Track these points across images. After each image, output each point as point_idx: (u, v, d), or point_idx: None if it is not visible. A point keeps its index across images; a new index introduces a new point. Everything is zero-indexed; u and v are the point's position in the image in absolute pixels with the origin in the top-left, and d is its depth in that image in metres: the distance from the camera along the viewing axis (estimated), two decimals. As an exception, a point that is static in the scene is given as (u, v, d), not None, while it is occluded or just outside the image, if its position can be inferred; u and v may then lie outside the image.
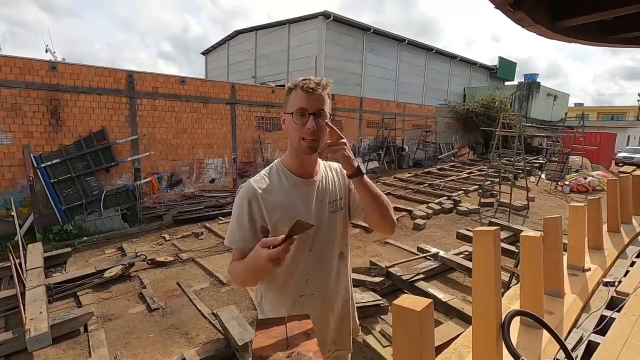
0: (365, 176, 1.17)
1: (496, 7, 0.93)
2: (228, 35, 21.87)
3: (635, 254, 2.27)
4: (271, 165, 1.25)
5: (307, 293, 1.20)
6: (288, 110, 1.14)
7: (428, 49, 21.27)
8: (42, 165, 6.32)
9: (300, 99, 1.10)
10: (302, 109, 1.10)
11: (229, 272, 1.19)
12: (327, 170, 1.31)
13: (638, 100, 36.07)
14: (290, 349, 0.58)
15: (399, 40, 19.43)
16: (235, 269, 1.15)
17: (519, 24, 1.04)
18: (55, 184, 6.43)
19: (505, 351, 1.09)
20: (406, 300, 0.81)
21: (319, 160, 1.29)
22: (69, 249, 5.32)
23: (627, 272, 2.01)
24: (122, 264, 4.62)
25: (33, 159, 6.25)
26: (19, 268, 4.34)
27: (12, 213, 5.85)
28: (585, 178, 10.84)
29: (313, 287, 1.21)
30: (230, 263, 1.19)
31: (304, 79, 1.12)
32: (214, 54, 24.01)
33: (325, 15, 15.87)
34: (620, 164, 18.13)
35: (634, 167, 15.39)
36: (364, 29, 17.61)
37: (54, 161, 6.45)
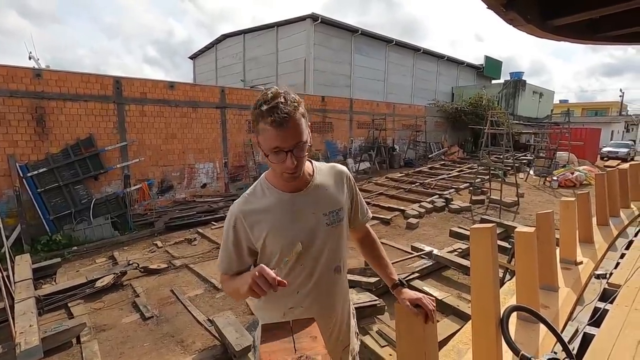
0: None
1: (489, 8, 0.95)
2: (216, 39, 21.77)
3: (625, 246, 2.32)
4: (256, 183, 1.19)
5: (297, 305, 1.17)
6: (262, 147, 1.02)
7: (415, 49, 21.48)
8: (29, 174, 6.19)
9: (273, 138, 0.97)
10: (277, 148, 0.98)
11: (222, 287, 1.28)
12: (326, 176, 1.21)
13: (620, 96, 36.97)
14: (298, 352, 0.58)
15: (387, 41, 19.58)
16: (226, 286, 1.20)
17: (510, 24, 1.06)
18: (42, 193, 6.30)
19: (504, 346, 1.11)
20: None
21: (316, 165, 1.22)
22: (59, 260, 5.21)
23: (618, 264, 2.05)
24: (114, 273, 4.54)
25: (19, 168, 6.11)
26: (6, 280, 4.22)
27: (-2, 224, 5.71)
28: (572, 173, 11.05)
29: (302, 300, 1.17)
30: (221, 281, 1.24)
31: (269, 108, 0.94)
32: (201, 58, 23.87)
33: (313, 17, 15.92)
34: (605, 159, 18.57)
35: (619, 161, 15.79)
36: (352, 30, 17.70)
37: (40, 170, 6.32)
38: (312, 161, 1.22)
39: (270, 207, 1.11)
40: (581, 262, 2.00)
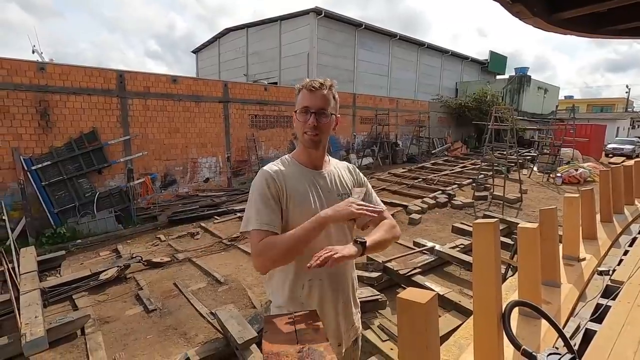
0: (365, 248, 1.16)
1: (495, 0, 0.94)
2: (219, 33, 21.70)
3: (628, 243, 2.31)
4: (281, 157, 1.33)
5: (316, 278, 1.22)
6: (295, 109, 1.25)
7: (419, 44, 21.31)
8: (33, 167, 6.22)
9: (304, 98, 1.22)
10: (305, 107, 1.21)
11: (260, 249, 1.10)
12: (338, 167, 1.39)
13: (626, 92, 36.61)
14: (300, 344, 0.58)
15: (391, 35, 19.43)
16: (273, 241, 1.09)
17: (517, 17, 1.05)
18: (46, 186, 6.34)
19: (505, 341, 1.11)
20: (411, 293, 0.81)
21: (329, 157, 1.40)
22: (63, 252, 5.26)
23: (621, 261, 2.05)
24: (118, 266, 4.58)
25: (23, 161, 6.15)
26: (12, 272, 4.28)
27: (3, 217, 5.76)
28: (576, 170, 10.99)
29: (321, 273, 1.21)
30: (257, 244, 1.11)
31: (310, 80, 1.22)
32: (204, 52, 23.81)
33: (317, 11, 15.80)
34: (610, 155, 18.41)
35: (624, 158, 15.66)
36: (355, 24, 17.57)
37: (44, 163, 6.36)
38: (328, 154, 1.40)
39: (296, 176, 1.25)
40: (584, 259, 2.00)
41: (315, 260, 1.00)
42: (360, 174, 1.47)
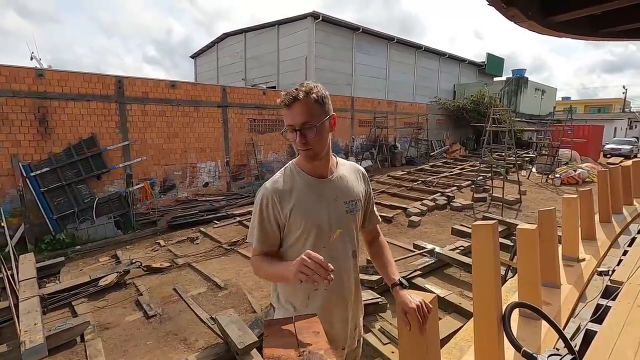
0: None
1: (490, 4, 0.95)
2: (217, 38, 21.76)
3: (627, 243, 2.32)
4: (285, 166, 1.29)
5: (321, 288, 1.20)
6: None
7: (417, 47, 21.40)
8: (32, 174, 6.21)
9: (285, 116, 1.14)
10: (289, 126, 1.14)
11: (252, 264, 1.26)
12: (348, 171, 1.34)
13: (623, 93, 36.78)
14: (300, 347, 0.58)
15: (388, 39, 19.52)
16: (258, 265, 1.21)
17: (511, 20, 1.06)
18: (45, 192, 6.33)
19: (506, 343, 1.11)
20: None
21: (338, 160, 1.34)
22: (62, 259, 5.23)
23: (620, 261, 2.05)
24: (117, 272, 4.56)
25: (22, 168, 6.14)
26: (11, 279, 4.26)
27: (2, 224, 5.74)
28: (575, 170, 11.01)
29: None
30: (252, 256, 1.25)
31: (285, 94, 1.12)
32: (203, 57, 23.85)
33: (314, 15, 15.87)
34: (608, 156, 18.45)
35: (622, 158, 15.69)
36: (353, 28, 17.65)
37: (43, 170, 6.35)
38: (336, 155, 1.35)
39: (299, 189, 1.21)
40: (583, 259, 2.00)
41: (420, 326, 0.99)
42: (369, 180, 1.42)
